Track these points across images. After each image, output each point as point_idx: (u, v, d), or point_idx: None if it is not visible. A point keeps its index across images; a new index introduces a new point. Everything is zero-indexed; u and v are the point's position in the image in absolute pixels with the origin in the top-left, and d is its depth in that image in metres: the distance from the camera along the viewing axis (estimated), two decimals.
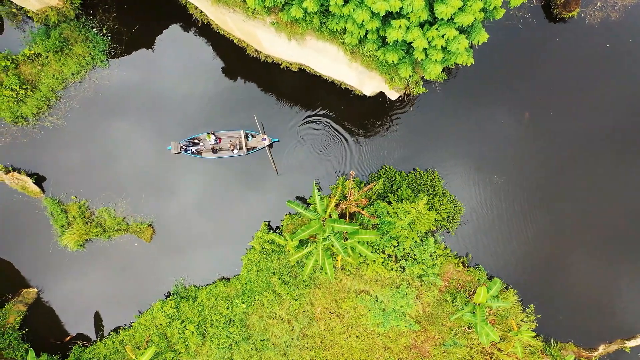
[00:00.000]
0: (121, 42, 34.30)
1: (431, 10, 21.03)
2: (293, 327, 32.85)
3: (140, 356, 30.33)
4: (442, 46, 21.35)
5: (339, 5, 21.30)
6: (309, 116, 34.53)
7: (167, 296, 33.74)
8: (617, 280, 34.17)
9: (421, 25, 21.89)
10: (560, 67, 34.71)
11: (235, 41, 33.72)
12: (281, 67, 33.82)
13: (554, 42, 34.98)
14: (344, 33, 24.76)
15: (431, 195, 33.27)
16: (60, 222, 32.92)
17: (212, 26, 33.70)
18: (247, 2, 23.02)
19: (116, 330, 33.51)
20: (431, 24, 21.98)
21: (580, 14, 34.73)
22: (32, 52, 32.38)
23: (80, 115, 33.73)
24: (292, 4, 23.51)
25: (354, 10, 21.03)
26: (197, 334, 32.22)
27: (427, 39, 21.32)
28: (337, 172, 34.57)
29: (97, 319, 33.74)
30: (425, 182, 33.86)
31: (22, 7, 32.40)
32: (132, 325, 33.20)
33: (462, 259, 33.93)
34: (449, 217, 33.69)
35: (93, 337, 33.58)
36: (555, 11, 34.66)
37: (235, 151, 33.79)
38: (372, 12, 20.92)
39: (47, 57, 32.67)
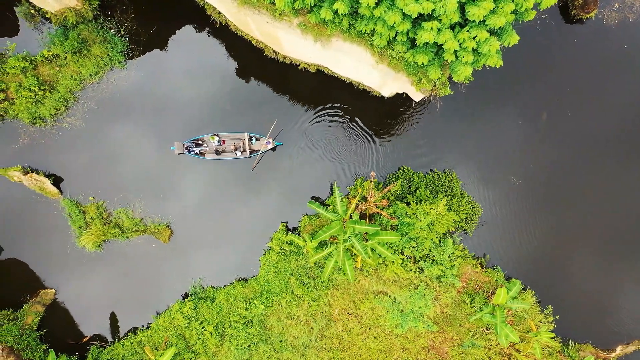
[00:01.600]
0: (139, 43, 34.20)
1: (462, 12, 21.02)
2: (311, 328, 32.84)
3: (160, 357, 30.34)
4: (472, 48, 21.35)
5: (370, 7, 21.26)
6: (323, 114, 34.46)
7: (185, 297, 33.68)
8: (636, 282, 34.23)
9: (452, 27, 21.88)
10: (577, 68, 34.73)
11: (253, 42, 33.62)
12: (299, 68, 33.78)
13: (571, 43, 35.03)
14: (373, 35, 24.73)
15: (449, 197, 33.25)
16: (78, 222, 32.84)
17: (230, 27, 33.57)
18: (276, 4, 22.93)
19: (134, 331, 33.43)
20: (462, 26, 21.98)
21: (597, 15, 34.77)
22: (51, 53, 32.24)
23: (98, 116, 33.60)
24: (321, 6, 23.45)
25: (385, 12, 20.99)
26: (216, 335, 32.15)
27: (458, 40, 21.31)
28: (352, 173, 34.52)
29: (115, 320, 33.66)
30: (443, 183, 33.85)
31: (41, 8, 32.24)
32: (150, 326, 33.13)
33: (479, 260, 33.96)
34: (467, 218, 33.70)
35: (110, 338, 33.48)
36: (572, 12, 34.69)
37: (238, 153, 33.70)
38: (404, 14, 20.92)
39: (66, 58, 32.54)
